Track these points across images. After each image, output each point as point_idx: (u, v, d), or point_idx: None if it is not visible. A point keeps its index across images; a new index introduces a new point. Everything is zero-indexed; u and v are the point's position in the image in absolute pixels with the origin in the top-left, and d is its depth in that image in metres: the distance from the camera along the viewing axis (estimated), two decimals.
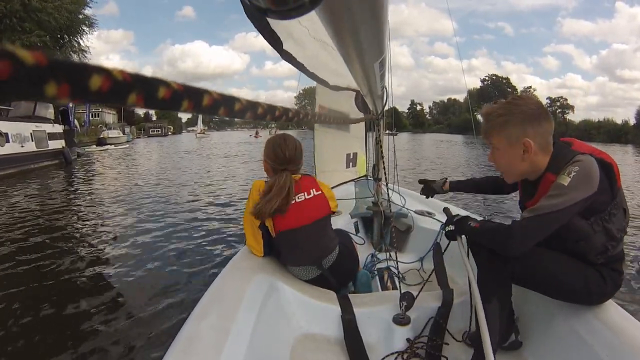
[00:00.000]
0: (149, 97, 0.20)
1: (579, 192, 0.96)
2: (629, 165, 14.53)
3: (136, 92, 0.19)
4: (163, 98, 0.21)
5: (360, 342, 1.24)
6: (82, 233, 4.46)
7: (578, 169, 0.97)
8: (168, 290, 2.90)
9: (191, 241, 4.07)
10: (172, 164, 13.29)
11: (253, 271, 1.36)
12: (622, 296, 2.76)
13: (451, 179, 1.84)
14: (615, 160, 1.05)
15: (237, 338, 0.99)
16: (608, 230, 1.02)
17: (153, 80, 0.21)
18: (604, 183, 0.99)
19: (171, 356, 0.87)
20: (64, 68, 0.16)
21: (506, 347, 1.20)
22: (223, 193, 7.25)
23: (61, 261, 3.44)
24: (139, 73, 0.20)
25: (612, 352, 0.96)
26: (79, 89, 0.16)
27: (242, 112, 0.32)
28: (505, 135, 1.06)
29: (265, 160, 1.50)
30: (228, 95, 0.30)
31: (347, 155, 3.11)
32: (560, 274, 1.06)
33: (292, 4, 0.32)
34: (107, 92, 0.17)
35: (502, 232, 1.04)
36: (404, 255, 2.27)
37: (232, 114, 0.31)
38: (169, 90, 0.22)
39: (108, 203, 6.24)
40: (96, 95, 0.17)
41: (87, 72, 0.17)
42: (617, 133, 48.00)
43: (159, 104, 0.22)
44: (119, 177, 9.87)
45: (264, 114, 0.38)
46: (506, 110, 1.05)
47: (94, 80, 0.17)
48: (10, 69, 0.14)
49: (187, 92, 0.24)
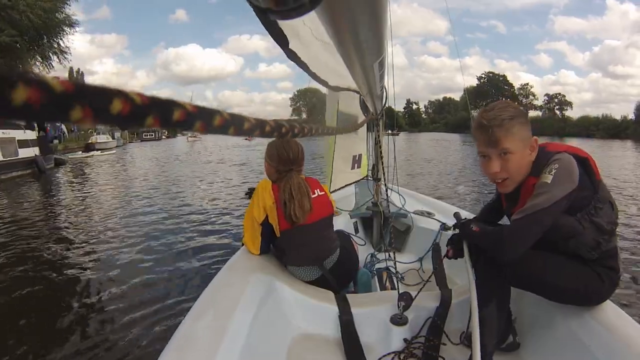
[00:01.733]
0: (164, 119, 0.21)
1: (562, 188, 0.98)
2: (629, 159, 14.50)
3: (153, 115, 0.20)
4: (177, 120, 0.22)
5: (358, 342, 1.24)
6: (50, 251, 4.11)
7: (558, 166, 1.00)
8: (165, 291, 2.92)
9: (183, 250, 4.01)
10: (156, 171, 12.52)
11: (251, 271, 1.37)
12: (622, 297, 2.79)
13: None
14: (590, 155, 1.07)
15: (234, 337, 0.99)
16: (597, 225, 1.03)
17: (168, 102, 0.22)
18: (584, 177, 1.02)
19: (167, 355, 0.88)
20: (88, 93, 0.17)
21: (504, 349, 1.21)
22: (215, 197, 7.14)
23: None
24: (155, 96, 0.21)
25: (610, 353, 0.96)
26: (101, 112, 0.18)
27: (251, 130, 0.33)
28: (521, 137, 1.03)
29: (269, 162, 1.52)
30: (237, 115, 0.31)
31: (353, 156, 3.10)
32: (557, 277, 1.06)
33: (293, 4, 0.32)
34: (127, 115, 0.18)
35: (496, 237, 1.06)
36: (404, 255, 2.28)
37: (241, 132, 0.32)
38: (183, 112, 0.23)
39: (80, 216, 5.82)
40: (116, 118, 0.18)
41: (109, 96, 0.18)
42: (617, 129, 48.10)
43: (174, 125, 0.23)
44: (95, 187, 9.08)
45: (271, 132, 0.39)
46: (512, 112, 1.03)
47: (115, 104, 0.18)
48: (41, 96, 0.15)
49: (200, 113, 0.25)
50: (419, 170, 11.66)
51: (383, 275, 1.91)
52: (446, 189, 8.22)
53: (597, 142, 36.03)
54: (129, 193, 8.01)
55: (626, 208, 6.10)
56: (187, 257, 3.76)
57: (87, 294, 2.97)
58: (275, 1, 0.32)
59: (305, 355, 1.23)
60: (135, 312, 2.59)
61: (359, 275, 1.70)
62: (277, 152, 1.49)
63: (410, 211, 2.46)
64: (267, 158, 1.53)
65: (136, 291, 2.95)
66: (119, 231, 4.80)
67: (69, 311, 2.65)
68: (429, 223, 2.31)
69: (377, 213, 2.34)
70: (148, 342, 2.23)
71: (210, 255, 3.79)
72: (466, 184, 8.70)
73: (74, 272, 3.41)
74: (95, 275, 3.31)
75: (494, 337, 1.09)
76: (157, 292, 2.92)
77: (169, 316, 2.51)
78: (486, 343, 1.08)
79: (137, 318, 2.51)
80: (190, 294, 2.79)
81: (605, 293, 1.08)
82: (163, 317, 2.50)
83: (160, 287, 3.01)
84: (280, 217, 1.44)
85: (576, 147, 1.10)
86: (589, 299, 1.09)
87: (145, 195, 7.54)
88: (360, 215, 2.49)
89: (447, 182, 9.12)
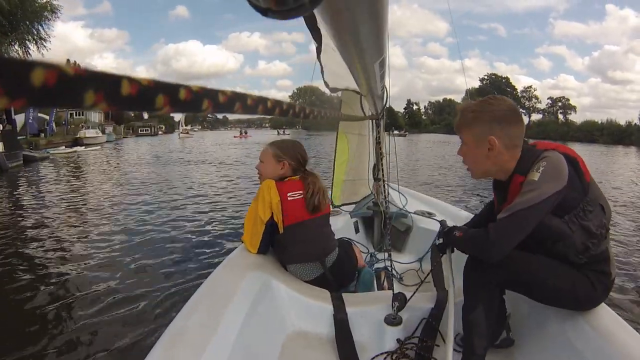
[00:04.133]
0: (173, 99, 0.23)
1: (550, 186, 0.96)
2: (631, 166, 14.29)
3: (162, 95, 0.22)
4: (185, 99, 0.24)
5: (351, 341, 1.25)
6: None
7: (546, 163, 0.99)
8: (162, 289, 2.92)
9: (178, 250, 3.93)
10: (135, 172, 10.97)
11: (247, 268, 1.37)
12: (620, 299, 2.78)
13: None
14: (580, 156, 1.07)
15: (225, 333, 0.99)
16: (586, 228, 1.00)
17: (173, 84, 0.23)
18: (573, 178, 1.00)
19: (157, 350, 0.88)
20: (98, 77, 0.18)
21: (498, 345, 1.21)
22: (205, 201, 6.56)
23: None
24: (159, 80, 0.22)
25: (602, 357, 0.95)
26: (112, 95, 0.19)
27: (254, 107, 0.35)
28: (472, 132, 1.09)
29: (289, 162, 1.59)
30: (240, 93, 0.33)
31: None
32: (546, 280, 1.05)
33: (292, 4, 0.33)
34: (137, 97, 0.20)
35: (481, 237, 1.04)
36: (403, 255, 2.29)
37: (246, 109, 0.33)
38: (189, 92, 0.24)
39: (40, 218, 5.13)
40: (127, 100, 0.19)
41: (117, 78, 0.19)
42: (621, 135, 47.57)
43: (183, 105, 0.24)
44: (60, 191, 7.68)
45: (273, 108, 0.41)
46: (478, 107, 1.08)
47: (124, 86, 0.19)
48: (57, 78, 0.16)
49: (205, 92, 0.26)
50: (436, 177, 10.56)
51: (381, 275, 1.92)
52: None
53: (600, 148, 35.56)
54: (97, 197, 6.93)
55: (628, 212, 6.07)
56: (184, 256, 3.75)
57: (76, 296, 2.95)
58: (275, 1, 0.33)
59: (299, 353, 1.23)
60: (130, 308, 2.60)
61: (362, 274, 1.71)
62: (297, 153, 1.61)
63: (411, 211, 2.47)
64: (282, 157, 1.57)
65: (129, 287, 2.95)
66: (72, 250, 3.93)
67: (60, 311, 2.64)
68: (429, 223, 2.31)
69: (377, 213, 2.35)
70: (139, 339, 2.23)
71: (208, 254, 3.79)
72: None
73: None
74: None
75: (484, 339, 1.09)
76: (151, 289, 2.91)
77: (162, 312, 2.52)
78: (475, 346, 1.08)
79: (130, 314, 2.52)
80: (185, 291, 2.79)
81: (597, 297, 1.06)
82: (156, 314, 2.52)
83: (154, 285, 2.99)
84: (286, 212, 1.48)
85: (568, 147, 1.09)
86: (579, 303, 1.07)
87: (115, 202, 6.39)
88: (361, 214, 2.49)
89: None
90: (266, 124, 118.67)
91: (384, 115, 2.25)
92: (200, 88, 0.26)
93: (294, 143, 1.65)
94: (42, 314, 2.55)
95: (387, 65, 1.38)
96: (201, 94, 0.26)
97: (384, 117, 2.27)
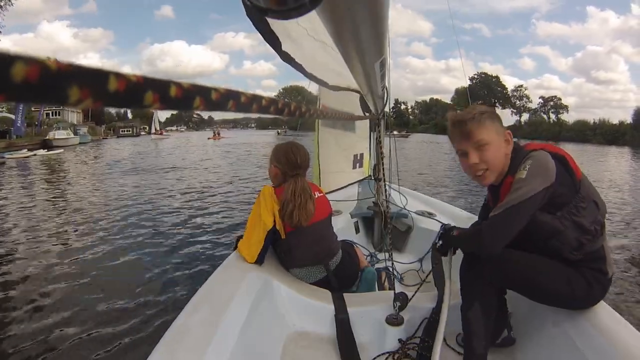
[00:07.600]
0: (163, 96, 0.22)
1: (537, 182, 0.99)
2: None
3: (151, 92, 0.21)
4: (176, 96, 0.23)
5: (353, 341, 1.24)
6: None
7: (532, 162, 1.02)
8: (160, 290, 2.93)
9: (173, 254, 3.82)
10: (93, 180, 9.49)
11: (247, 269, 1.37)
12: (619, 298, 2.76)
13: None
14: (569, 154, 1.08)
15: (227, 333, 1.00)
16: (579, 224, 1.02)
17: (163, 81, 0.22)
18: (563, 174, 1.02)
19: (160, 348, 0.88)
20: (83, 72, 0.17)
21: (499, 344, 1.21)
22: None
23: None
24: (149, 76, 0.21)
25: (602, 357, 0.96)
26: (98, 91, 0.18)
27: (248, 105, 0.34)
28: (495, 129, 1.09)
29: (276, 165, 1.53)
30: (233, 90, 0.32)
31: (354, 156, 3.10)
32: (541, 278, 1.05)
33: (293, 4, 0.32)
34: (124, 93, 0.19)
35: (475, 234, 1.08)
36: (404, 255, 2.28)
37: (240, 107, 0.32)
38: (179, 89, 0.23)
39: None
40: (114, 96, 0.18)
41: (104, 74, 0.18)
42: (614, 134, 47.22)
43: (174, 102, 0.23)
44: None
45: (268, 106, 0.40)
46: (482, 109, 1.11)
47: (111, 82, 0.18)
48: (39, 73, 0.15)
49: (196, 89, 0.25)
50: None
51: (382, 275, 1.91)
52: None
53: (593, 148, 34.65)
54: (46, 208, 6.07)
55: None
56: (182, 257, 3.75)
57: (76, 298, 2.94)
58: (276, 1, 0.32)
59: (300, 353, 1.23)
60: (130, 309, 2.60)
61: (364, 273, 1.70)
62: (285, 156, 1.52)
63: (412, 211, 2.46)
64: (274, 161, 1.54)
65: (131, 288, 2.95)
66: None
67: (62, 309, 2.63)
68: (429, 224, 2.31)
69: (378, 213, 2.34)
70: (142, 338, 2.24)
71: (207, 254, 3.79)
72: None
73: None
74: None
75: (483, 338, 1.09)
76: (152, 290, 2.92)
77: (163, 313, 2.53)
78: (474, 346, 1.09)
79: (131, 315, 2.52)
80: (186, 292, 2.81)
81: (594, 296, 1.07)
82: (158, 315, 2.52)
83: (156, 286, 3.01)
84: (285, 221, 1.46)
85: (556, 146, 1.12)
86: (576, 302, 1.08)
87: (67, 215, 5.58)
88: (362, 214, 2.49)
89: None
90: (252, 124, 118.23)
91: (384, 115, 2.25)
92: (192, 85, 0.25)
93: (287, 145, 1.57)
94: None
95: (388, 65, 1.38)
96: (193, 91, 0.25)
97: (384, 117, 2.27)
